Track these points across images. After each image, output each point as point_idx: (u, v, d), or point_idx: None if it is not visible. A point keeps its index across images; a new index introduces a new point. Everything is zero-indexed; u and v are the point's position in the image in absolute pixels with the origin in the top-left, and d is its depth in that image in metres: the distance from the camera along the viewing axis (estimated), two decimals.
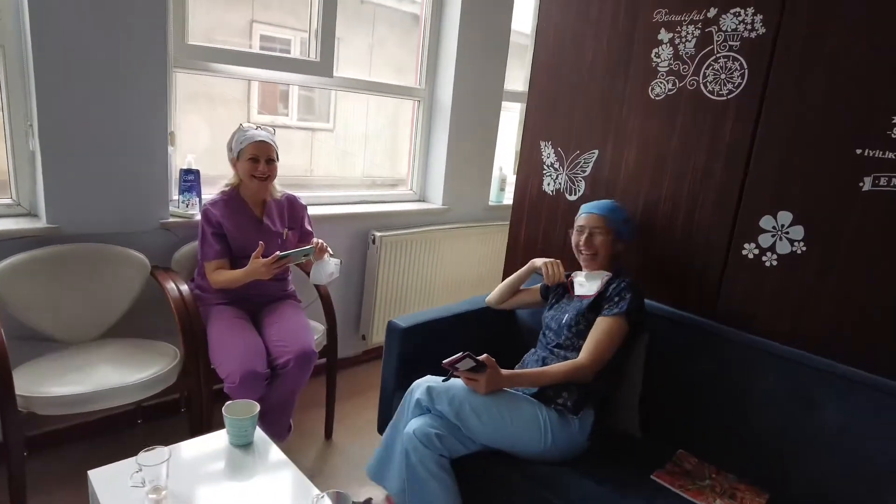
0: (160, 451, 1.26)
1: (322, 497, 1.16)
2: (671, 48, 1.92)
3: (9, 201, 2.01)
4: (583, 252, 1.84)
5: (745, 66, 1.76)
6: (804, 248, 1.69)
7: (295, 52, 2.85)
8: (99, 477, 1.33)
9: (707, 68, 1.84)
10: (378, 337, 2.95)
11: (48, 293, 1.91)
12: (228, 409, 1.48)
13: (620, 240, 1.85)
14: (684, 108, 1.91)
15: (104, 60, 1.94)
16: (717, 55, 1.82)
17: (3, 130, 1.94)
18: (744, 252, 1.81)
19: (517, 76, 3.72)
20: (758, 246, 1.78)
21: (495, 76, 3.21)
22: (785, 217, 1.72)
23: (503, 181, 3.48)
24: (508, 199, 3.48)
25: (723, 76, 1.81)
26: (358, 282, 2.93)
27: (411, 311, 3.06)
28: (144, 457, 1.24)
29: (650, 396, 1.83)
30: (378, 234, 2.80)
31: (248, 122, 2.11)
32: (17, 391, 1.61)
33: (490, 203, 3.46)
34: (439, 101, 3.09)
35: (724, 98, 1.81)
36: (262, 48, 2.70)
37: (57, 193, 1.96)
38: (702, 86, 1.86)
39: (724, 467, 1.69)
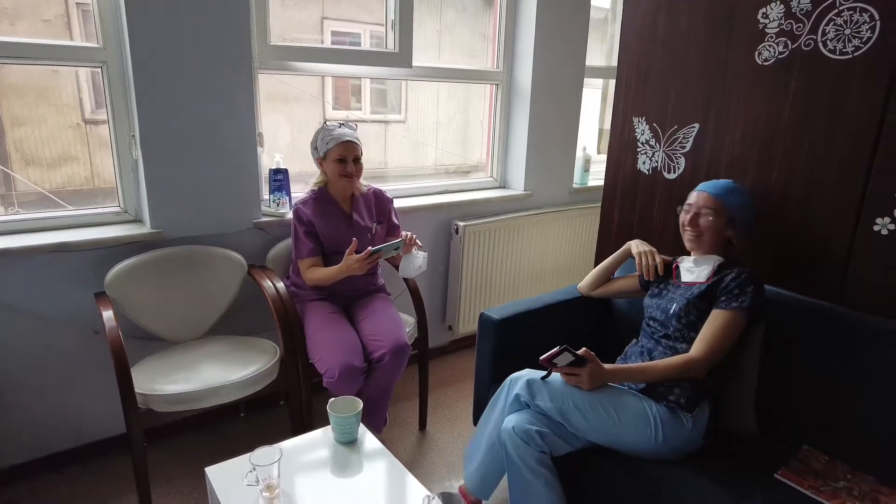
0: (272, 451, 1.28)
1: (433, 499, 1.14)
2: (782, 5, 1.73)
3: (117, 209, 2.13)
4: (687, 230, 1.71)
5: (877, 17, 1.56)
6: None
7: (365, 45, 2.83)
8: (216, 474, 1.38)
9: (827, 24, 1.65)
10: (465, 327, 2.93)
11: (155, 294, 2.00)
12: (333, 407, 1.49)
13: (733, 226, 1.68)
14: (799, 72, 1.73)
15: (195, 70, 1.99)
16: (840, 7, 1.62)
17: (110, 142, 2.04)
18: (876, 227, 1.62)
19: (596, 50, 3.55)
20: (893, 220, 1.59)
21: (576, 54, 3.06)
22: None
23: (587, 161, 3.33)
24: (594, 180, 3.34)
25: (847, 31, 1.61)
26: (442, 272, 2.91)
27: (497, 301, 3.01)
28: (257, 456, 1.26)
29: (768, 390, 1.68)
30: (461, 223, 2.76)
31: (330, 119, 2.11)
32: (136, 389, 1.71)
33: (574, 186, 3.32)
34: (518, 83, 2.99)
35: (850, 56, 1.62)
36: (333, 43, 2.71)
37: (158, 199, 2.05)
38: (820, 45, 1.67)
39: (860, 468, 1.53)
